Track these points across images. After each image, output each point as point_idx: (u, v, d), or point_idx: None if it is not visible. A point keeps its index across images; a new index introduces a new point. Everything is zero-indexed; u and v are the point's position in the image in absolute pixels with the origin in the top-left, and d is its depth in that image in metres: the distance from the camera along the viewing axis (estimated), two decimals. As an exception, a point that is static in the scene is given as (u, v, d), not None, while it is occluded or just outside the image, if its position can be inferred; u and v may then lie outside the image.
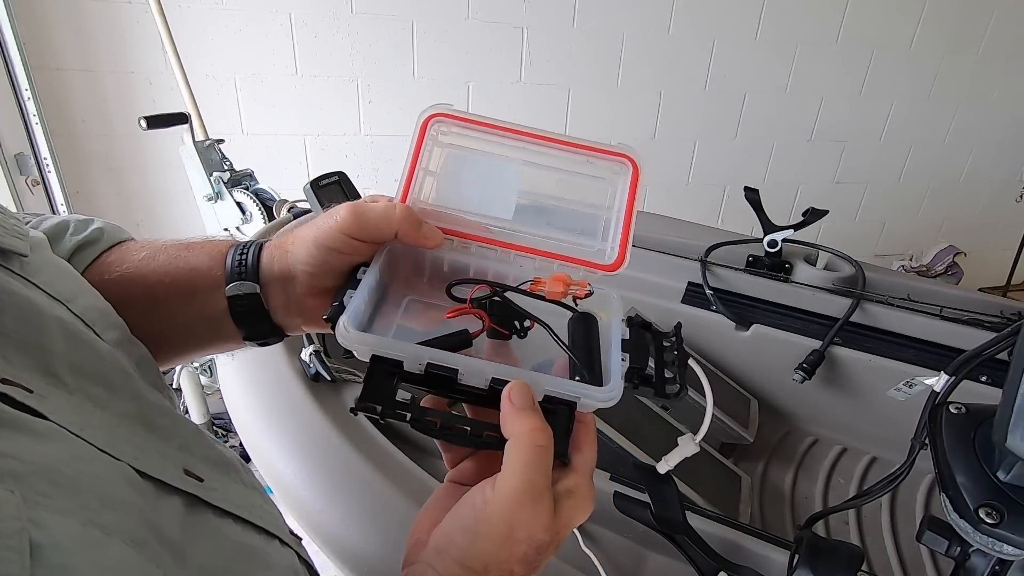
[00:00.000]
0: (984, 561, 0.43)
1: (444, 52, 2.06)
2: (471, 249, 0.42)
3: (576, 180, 0.42)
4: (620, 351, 0.37)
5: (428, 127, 0.41)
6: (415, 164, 0.41)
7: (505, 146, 0.42)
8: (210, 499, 0.33)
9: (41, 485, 0.22)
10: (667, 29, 2.24)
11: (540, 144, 0.41)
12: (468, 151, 0.43)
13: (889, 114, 2.68)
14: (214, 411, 1.63)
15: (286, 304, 0.42)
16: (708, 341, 1.20)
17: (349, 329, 0.34)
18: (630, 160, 0.40)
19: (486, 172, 0.43)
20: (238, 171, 1.49)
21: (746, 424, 1.07)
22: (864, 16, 2.40)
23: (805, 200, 2.72)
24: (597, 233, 0.42)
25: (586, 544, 0.68)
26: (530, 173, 0.42)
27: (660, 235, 1.33)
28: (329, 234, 0.39)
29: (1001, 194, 3.07)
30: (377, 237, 0.40)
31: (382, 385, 0.34)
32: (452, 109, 0.41)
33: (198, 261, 0.42)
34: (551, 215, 0.43)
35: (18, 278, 0.30)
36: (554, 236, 0.42)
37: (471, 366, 0.34)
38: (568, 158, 0.41)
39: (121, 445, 0.28)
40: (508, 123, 0.41)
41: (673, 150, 2.48)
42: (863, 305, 1.09)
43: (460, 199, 0.43)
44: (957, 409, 0.44)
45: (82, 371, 0.30)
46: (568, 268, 0.41)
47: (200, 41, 1.81)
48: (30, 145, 1.70)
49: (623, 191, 0.41)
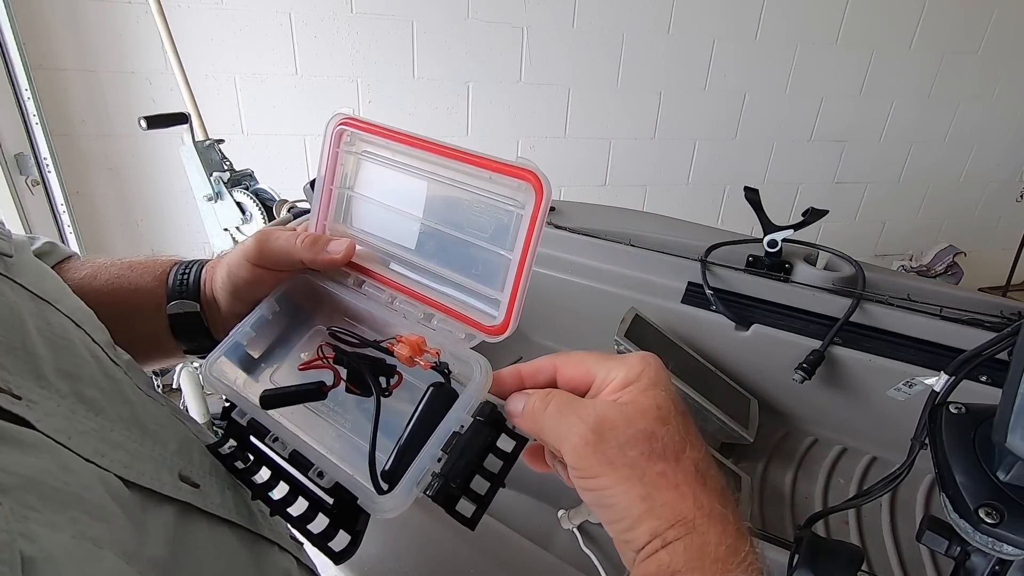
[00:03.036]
0: (984, 561, 0.43)
1: (444, 52, 2.06)
2: (363, 288, 0.41)
3: (482, 201, 0.36)
4: (438, 448, 0.31)
5: (336, 135, 0.40)
6: (328, 182, 0.41)
7: (411, 159, 0.38)
8: (204, 507, 0.32)
9: (29, 498, 0.21)
10: (667, 29, 2.24)
11: (443, 159, 0.36)
12: (378, 165, 0.40)
13: (889, 114, 2.67)
14: (214, 411, 1.63)
15: (222, 322, 0.42)
16: (708, 341, 1.20)
17: (211, 374, 0.36)
18: (533, 180, 0.33)
19: (394, 189, 0.40)
20: (238, 171, 1.49)
21: (746, 424, 1.07)
22: (864, 16, 2.40)
23: (805, 200, 2.73)
24: (496, 279, 0.36)
25: (586, 544, 0.68)
26: (435, 190, 0.38)
27: (660, 235, 1.33)
28: (237, 262, 0.39)
29: (1001, 194, 3.07)
30: (281, 266, 0.39)
31: (231, 427, 0.36)
32: (360, 119, 0.39)
33: (141, 281, 0.43)
34: (452, 249, 0.38)
35: (3, 279, 0.30)
36: (450, 277, 0.38)
37: (282, 434, 0.34)
38: (473, 174, 0.36)
39: (112, 452, 0.28)
40: (411, 134, 0.37)
41: (673, 150, 2.48)
42: (863, 305, 1.09)
43: (368, 219, 0.41)
44: (957, 409, 0.44)
45: (72, 375, 0.29)
46: (450, 324, 0.38)
47: (200, 41, 1.81)
48: (30, 145, 1.69)
49: (522, 222, 0.34)
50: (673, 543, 0.27)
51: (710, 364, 1.18)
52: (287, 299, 0.40)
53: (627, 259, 1.22)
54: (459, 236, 0.37)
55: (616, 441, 0.28)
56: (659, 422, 0.28)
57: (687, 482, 0.28)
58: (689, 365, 1.13)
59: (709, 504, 0.28)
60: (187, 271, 0.43)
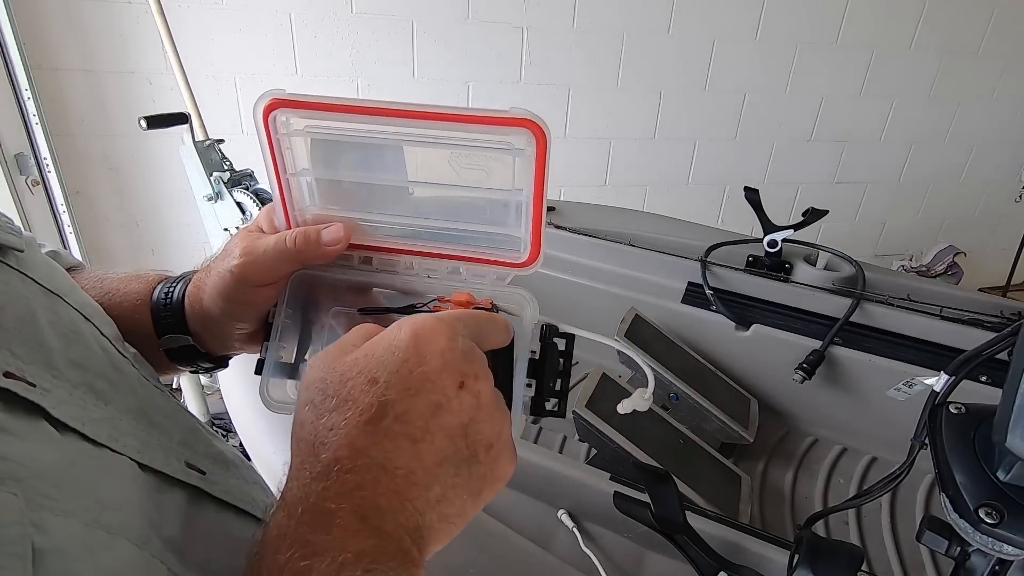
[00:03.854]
0: (984, 561, 0.43)
1: (444, 52, 2.06)
2: (373, 263, 0.39)
3: (472, 158, 0.35)
4: (524, 377, 0.35)
5: (271, 121, 0.34)
6: (278, 172, 0.36)
7: (374, 125, 0.34)
8: (212, 491, 0.33)
9: (43, 487, 0.21)
10: (667, 29, 2.24)
11: (415, 122, 0.33)
12: (336, 139, 0.36)
13: (889, 114, 2.67)
14: (214, 411, 1.63)
15: (221, 343, 0.41)
16: (708, 341, 1.20)
17: (272, 398, 0.35)
18: (534, 128, 0.32)
19: (364, 161, 0.37)
20: (238, 171, 1.49)
21: (746, 424, 1.07)
22: (864, 16, 2.40)
23: (805, 200, 2.72)
24: (508, 219, 0.36)
25: (586, 544, 0.68)
26: (415, 151, 0.35)
27: (660, 235, 1.33)
28: (231, 284, 0.37)
29: (1001, 194, 3.07)
30: (277, 277, 0.37)
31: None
32: (289, 94, 0.33)
33: (126, 302, 0.41)
34: (454, 204, 0.37)
35: (16, 273, 0.30)
36: (459, 228, 0.37)
37: None
38: (456, 135, 0.34)
39: (124, 439, 0.28)
40: (366, 102, 0.33)
41: (673, 150, 2.48)
42: (863, 305, 1.09)
43: (345, 198, 0.37)
44: (957, 409, 0.44)
45: (82, 366, 0.29)
46: (477, 271, 0.38)
47: (200, 41, 1.81)
48: (30, 145, 1.69)
49: (529, 166, 0.33)
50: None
51: (710, 364, 1.18)
52: (294, 298, 0.39)
53: (627, 259, 1.22)
54: (456, 188, 0.36)
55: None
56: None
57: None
58: (689, 365, 1.13)
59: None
60: (168, 304, 0.40)
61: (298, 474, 0.25)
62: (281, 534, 0.23)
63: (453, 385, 0.27)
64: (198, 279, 0.40)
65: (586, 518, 0.72)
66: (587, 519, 0.71)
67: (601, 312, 1.17)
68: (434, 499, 0.26)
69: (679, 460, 0.90)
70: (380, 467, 0.25)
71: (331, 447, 0.25)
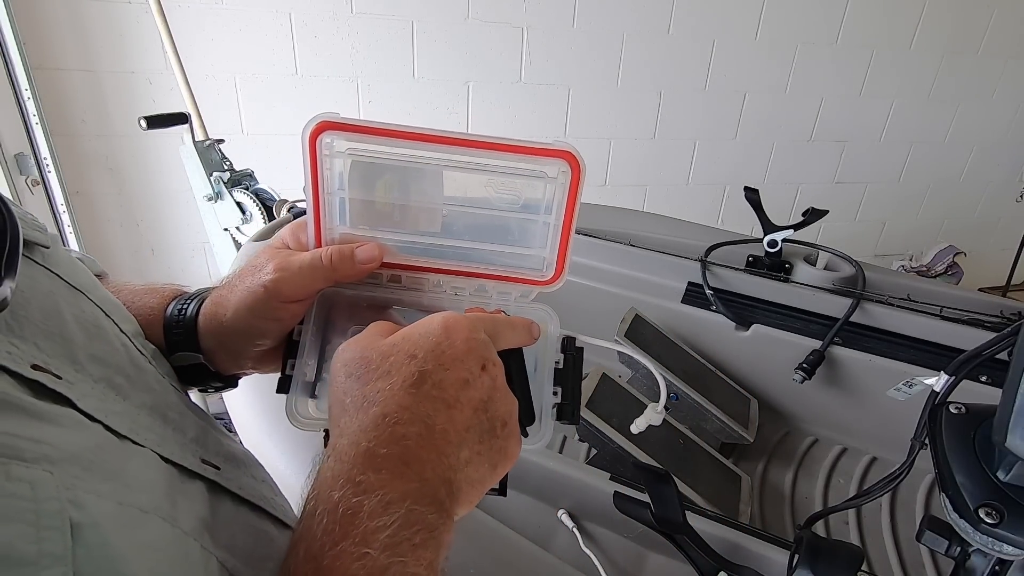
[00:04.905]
0: (984, 561, 0.43)
1: (444, 52, 2.06)
2: (402, 281, 0.40)
3: (507, 184, 0.37)
4: (551, 385, 0.37)
5: (318, 144, 0.35)
6: (317, 192, 0.37)
7: (415, 150, 0.36)
8: (228, 485, 0.33)
9: (75, 470, 0.22)
10: (667, 29, 2.24)
11: (458, 149, 0.35)
12: (376, 162, 0.37)
13: (889, 114, 2.68)
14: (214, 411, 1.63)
15: (234, 362, 0.41)
16: (708, 341, 1.20)
17: (299, 416, 0.35)
18: (571, 160, 0.35)
19: (402, 184, 0.38)
20: (238, 171, 1.50)
21: (746, 424, 1.07)
22: (864, 16, 2.40)
23: (805, 200, 2.72)
24: (533, 241, 0.38)
25: (586, 544, 0.68)
26: (454, 179, 0.37)
27: (660, 235, 1.33)
28: (262, 299, 0.37)
29: (1001, 194, 3.07)
30: (309, 293, 0.38)
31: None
32: (340, 118, 0.35)
33: (139, 315, 0.41)
34: (481, 224, 0.39)
35: (42, 268, 0.31)
36: (486, 248, 0.39)
37: None
38: (495, 162, 0.36)
39: (143, 432, 0.29)
40: (412, 128, 0.35)
41: (673, 150, 2.48)
42: (863, 305, 1.09)
43: (378, 218, 0.38)
44: (957, 409, 0.44)
45: (103, 361, 0.30)
46: (503, 288, 0.39)
47: (200, 41, 1.81)
48: (30, 145, 1.69)
49: (562, 193, 0.36)
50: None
51: (710, 364, 1.18)
52: (318, 316, 0.39)
53: (627, 259, 1.22)
54: (487, 212, 0.38)
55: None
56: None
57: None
58: (689, 365, 1.13)
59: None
60: (180, 322, 0.40)
61: (346, 429, 0.28)
62: (335, 476, 0.26)
63: (477, 366, 0.31)
64: (218, 295, 0.39)
65: (586, 518, 0.72)
66: (587, 519, 0.72)
67: (601, 312, 1.17)
68: (463, 461, 0.29)
69: (679, 460, 0.90)
70: (422, 422, 0.28)
71: (380, 403, 0.28)
